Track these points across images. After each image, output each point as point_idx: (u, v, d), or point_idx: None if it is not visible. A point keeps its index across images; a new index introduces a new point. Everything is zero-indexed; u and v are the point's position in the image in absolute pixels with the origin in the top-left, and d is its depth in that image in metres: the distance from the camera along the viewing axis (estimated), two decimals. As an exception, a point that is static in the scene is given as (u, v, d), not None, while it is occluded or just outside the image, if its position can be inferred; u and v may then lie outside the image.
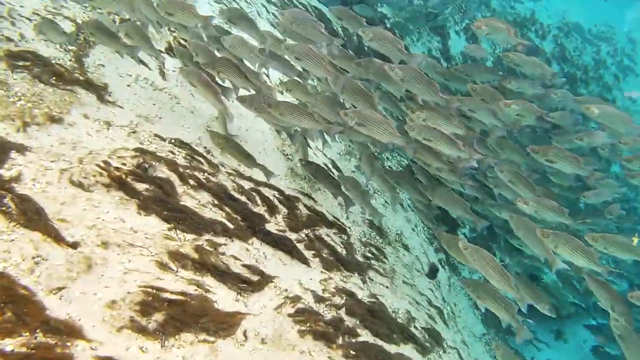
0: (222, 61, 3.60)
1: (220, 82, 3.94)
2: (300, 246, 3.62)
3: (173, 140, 3.44)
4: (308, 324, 2.98)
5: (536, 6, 17.42)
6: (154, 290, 2.42)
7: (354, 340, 3.29)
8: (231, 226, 3.15)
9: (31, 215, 2.26)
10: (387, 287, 4.54)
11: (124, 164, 2.86)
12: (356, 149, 4.60)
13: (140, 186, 2.81)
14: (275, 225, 3.58)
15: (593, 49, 18.58)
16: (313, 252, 3.71)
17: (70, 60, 3.74)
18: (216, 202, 3.20)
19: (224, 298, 2.73)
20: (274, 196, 3.79)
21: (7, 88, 3.08)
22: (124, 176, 2.76)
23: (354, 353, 3.12)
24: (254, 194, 3.59)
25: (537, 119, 4.57)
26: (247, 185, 3.65)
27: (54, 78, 3.42)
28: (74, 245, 2.33)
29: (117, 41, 3.59)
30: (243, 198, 3.48)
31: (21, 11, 3.82)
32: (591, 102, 5.00)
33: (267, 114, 3.70)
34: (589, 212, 6.29)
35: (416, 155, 3.97)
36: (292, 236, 3.64)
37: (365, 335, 3.44)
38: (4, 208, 2.27)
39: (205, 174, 3.34)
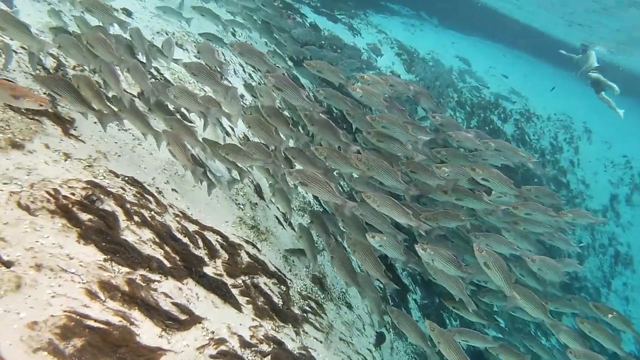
0: (58, 81, 3.56)
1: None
2: (235, 291, 3.78)
3: (127, 178, 3.66)
4: (228, 367, 3.08)
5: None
6: (78, 317, 2.53)
7: (275, 389, 3.38)
8: (168, 264, 3.31)
9: (-29, 232, 2.41)
10: (321, 342, 4.65)
11: (72, 194, 3.05)
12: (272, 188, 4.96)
13: (85, 216, 2.99)
14: (213, 268, 3.75)
15: (551, 134, 20.23)
16: (247, 298, 3.86)
17: (44, 93, 4.01)
18: (157, 240, 3.38)
19: (147, 332, 2.84)
20: (217, 241, 3.99)
21: (-23, 112, 3.31)
22: (70, 205, 2.95)
23: (272, 401, 3.21)
24: (197, 236, 3.79)
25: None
26: (192, 227, 3.86)
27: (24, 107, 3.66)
28: (8, 264, 2.46)
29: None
30: (185, 239, 3.67)
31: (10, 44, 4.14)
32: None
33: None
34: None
35: (353, 215, 4.33)
36: (229, 281, 3.81)
37: (288, 386, 3.54)
38: (-54, 222, 2.42)
39: (152, 212, 3.55)
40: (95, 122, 4.09)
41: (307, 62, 5.33)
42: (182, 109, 5.41)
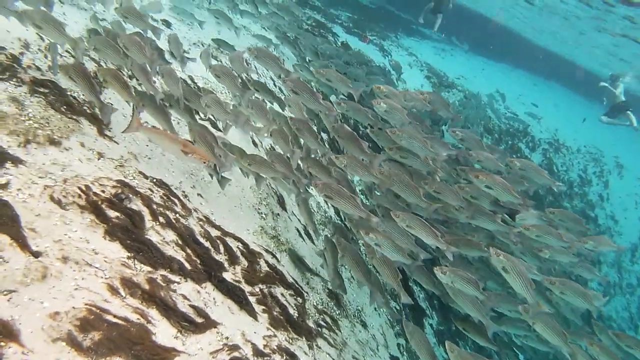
0: (77, 69, 3.72)
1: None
2: (252, 299, 3.77)
3: (155, 180, 3.75)
4: (240, 375, 3.05)
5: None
6: (98, 311, 2.57)
7: (284, 403, 3.33)
8: (188, 267, 3.34)
9: (5, 220, 2.50)
10: (333, 358, 4.57)
11: (103, 191, 3.14)
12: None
13: (112, 213, 3.07)
14: (232, 274, 3.77)
15: (580, 166, 19.72)
16: (263, 307, 3.85)
17: (83, 94, 4.19)
18: (180, 242, 3.43)
19: (163, 332, 2.85)
20: (238, 248, 4.01)
21: (22, 108, 3.47)
22: (100, 202, 3.03)
23: (281, 414, 3.16)
24: (219, 242, 3.82)
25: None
26: (214, 233, 3.90)
27: (64, 107, 3.83)
28: (36, 254, 2.54)
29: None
30: (207, 244, 3.71)
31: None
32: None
33: None
34: None
35: (377, 229, 4.32)
36: (247, 288, 3.81)
37: (298, 400, 3.48)
38: (-17, 209, 2.52)
39: (177, 215, 3.61)
40: (128, 125, 4.23)
41: (316, 70, 5.40)
42: (209, 116, 5.54)
